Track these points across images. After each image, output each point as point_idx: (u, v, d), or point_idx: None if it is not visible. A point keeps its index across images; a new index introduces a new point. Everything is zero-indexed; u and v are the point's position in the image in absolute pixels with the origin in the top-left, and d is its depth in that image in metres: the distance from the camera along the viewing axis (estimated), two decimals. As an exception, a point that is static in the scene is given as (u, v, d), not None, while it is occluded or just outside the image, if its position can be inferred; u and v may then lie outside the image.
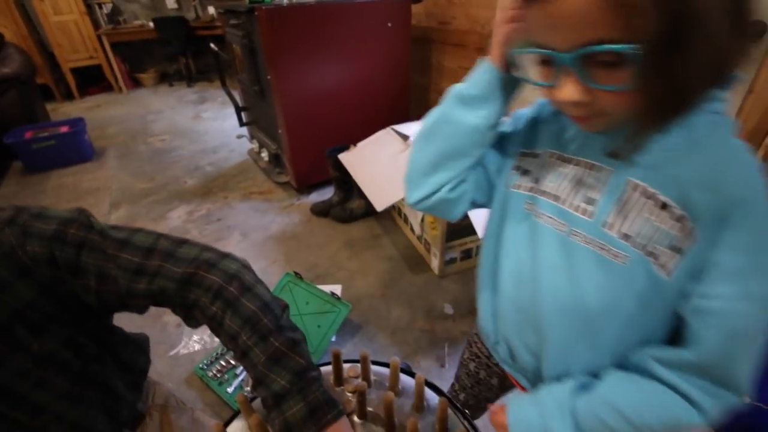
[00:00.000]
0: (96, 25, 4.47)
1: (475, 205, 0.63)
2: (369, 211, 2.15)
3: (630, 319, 0.45)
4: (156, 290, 0.50)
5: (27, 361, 0.49)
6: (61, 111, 4.17)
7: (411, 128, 1.83)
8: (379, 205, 1.52)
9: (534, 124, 0.56)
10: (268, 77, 2.00)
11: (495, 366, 0.77)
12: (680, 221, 0.40)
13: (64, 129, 3.00)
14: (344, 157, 1.90)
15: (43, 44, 4.35)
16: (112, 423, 0.62)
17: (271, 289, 1.62)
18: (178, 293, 0.50)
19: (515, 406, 0.53)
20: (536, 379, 0.59)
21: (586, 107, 0.39)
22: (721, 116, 0.41)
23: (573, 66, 0.37)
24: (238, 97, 2.64)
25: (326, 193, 2.37)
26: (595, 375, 0.50)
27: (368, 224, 2.18)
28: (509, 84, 0.50)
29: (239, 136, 3.24)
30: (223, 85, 2.48)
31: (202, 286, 0.50)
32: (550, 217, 0.49)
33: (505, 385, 0.81)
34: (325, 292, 1.52)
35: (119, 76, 4.72)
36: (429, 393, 0.68)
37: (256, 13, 1.85)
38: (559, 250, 0.48)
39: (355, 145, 1.93)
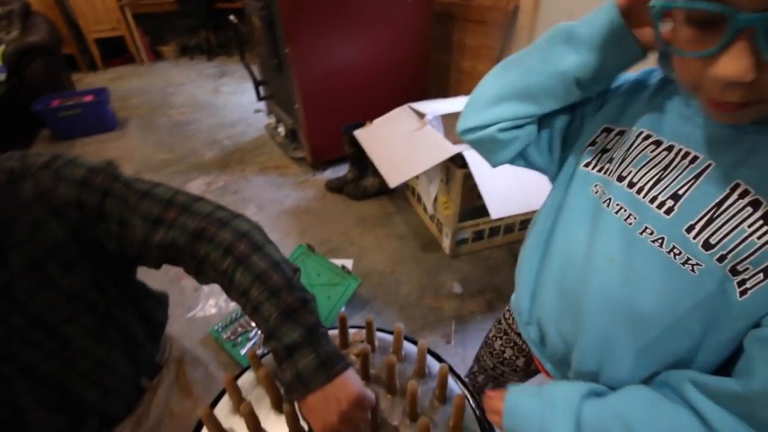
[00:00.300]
0: (119, -5, 4.48)
1: (526, 160, 0.59)
2: (382, 189, 2.16)
3: (683, 333, 0.40)
4: (169, 242, 0.52)
5: (58, 296, 0.53)
6: (86, 81, 4.25)
7: (429, 106, 1.81)
8: (392, 182, 1.53)
9: (629, 95, 0.49)
10: (286, 51, 1.99)
11: (524, 344, 0.74)
12: None
13: (89, 98, 3.06)
14: (360, 134, 1.90)
15: (68, 15, 4.40)
16: (132, 367, 0.67)
17: (284, 260, 1.64)
18: (188, 246, 0.52)
19: (516, 394, 0.49)
20: (563, 367, 0.56)
21: (747, 90, 0.31)
22: None
23: (759, 30, 0.28)
24: (256, 71, 2.64)
25: (341, 170, 2.39)
26: (617, 385, 0.46)
27: (381, 202, 2.19)
28: (627, 43, 0.42)
29: (257, 111, 3.26)
30: (242, 58, 2.48)
31: (213, 242, 0.52)
32: (620, 206, 0.44)
33: (530, 369, 0.78)
34: (336, 265, 1.55)
35: (141, 48, 4.76)
36: (431, 360, 0.71)
37: (275, -16, 1.83)
38: (621, 243, 0.43)
39: (371, 121, 1.92)
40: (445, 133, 1.72)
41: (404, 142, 1.68)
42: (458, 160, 1.49)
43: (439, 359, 0.70)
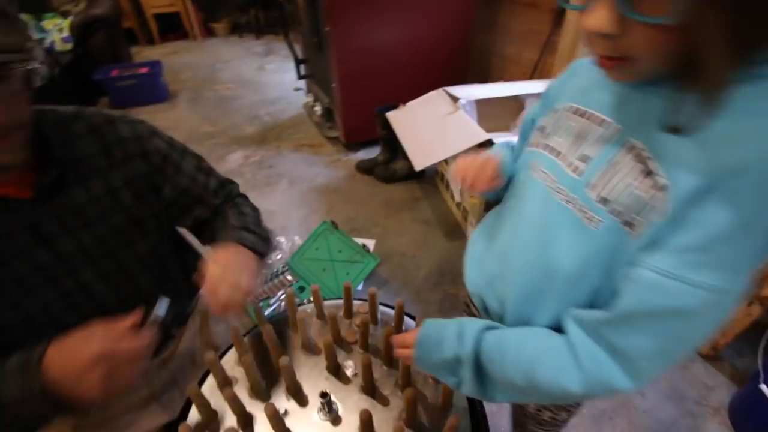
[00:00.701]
0: (177, -28, 4.66)
1: None
2: (412, 173, 2.15)
3: (587, 284, 0.44)
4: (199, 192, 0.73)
5: (124, 220, 0.65)
6: (143, 54, 4.49)
7: (464, 91, 1.77)
8: (418, 164, 1.52)
9: (567, 80, 0.55)
10: (326, 29, 2.00)
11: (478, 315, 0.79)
12: (662, 191, 0.36)
13: (144, 70, 3.25)
14: (392, 116, 1.90)
15: (131, -11, 4.64)
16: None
17: (308, 235, 1.71)
18: (210, 199, 0.75)
19: (428, 323, 0.54)
20: None
21: (613, 45, 0.35)
22: None
23: None
24: (298, 50, 2.68)
25: (373, 152, 2.40)
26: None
27: (410, 187, 2.19)
28: None
29: (296, 89, 3.32)
30: (285, 36, 2.53)
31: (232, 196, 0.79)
32: (544, 172, 0.49)
33: None
34: (356, 243, 1.58)
35: (195, 24, 4.95)
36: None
37: (320, -39, 1.84)
38: (541, 205, 0.48)
39: (404, 104, 1.91)
40: (478, 119, 1.68)
41: (435, 125, 1.66)
42: (489, 147, 1.46)
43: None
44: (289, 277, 1.54)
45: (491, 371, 0.47)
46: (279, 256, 1.75)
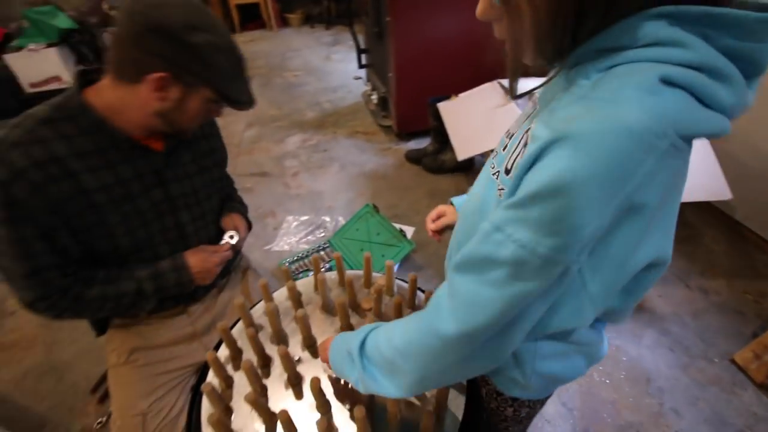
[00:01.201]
0: (260, -35, 4.98)
1: None
2: (460, 165, 2.15)
3: None
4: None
5: (207, 179, 0.87)
6: (225, 42, 4.88)
7: (519, 84, 1.73)
8: (461, 154, 1.53)
9: None
10: (387, 19, 2.06)
11: None
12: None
13: (223, 56, 3.54)
14: (443, 106, 1.91)
15: (219, -18, 5.04)
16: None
17: (351, 217, 1.80)
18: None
19: (335, 339, 0.59)
20: None
21: (498, 29, 0.41)
22: (651, 66, 0.32)
23: None
24: (361, 40, 2.77)
25: (424, 143, 2.43)
26: None
27: (457, 179, 2.19)
28: None
29: (356, 78, 3.42)
30: (350, 26, 2.62)
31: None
32: (495, 153, 0.53)
33: None
34: (394, 228, 1.63)
35: (272, 14, 5.26)
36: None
37: (385, -48, 1.89)
38: (485, 180, 0.52)
39: (456, 95, 1.92)
40: (530, 113, 1.64)
41: (484, 117, 1.65)
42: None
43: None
44: (324, 254, 1.64)
45: (372, 352, 0.50)
46: (322, 234, 1.86)
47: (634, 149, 0.30)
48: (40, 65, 2.68)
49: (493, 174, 0.48)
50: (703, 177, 1.31)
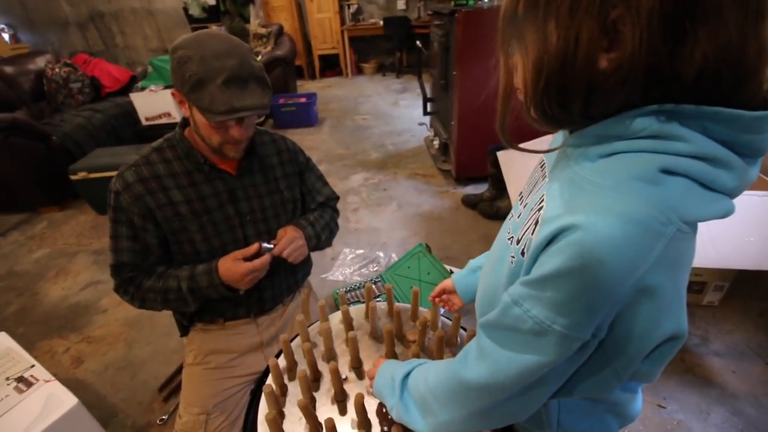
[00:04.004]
0: (342, 21, 5.56)
1: None
2: (516, 213, 2.16)
3: None
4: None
5: (277, 200, 0.98)
6: (305, 87, 5.43)
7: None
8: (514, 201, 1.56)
9: None
10: (454, 73, 2.21)
11: None
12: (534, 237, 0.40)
13: (303, 100, 3.95)
14: (502, 155, 1.97)
15: (306, 35, 5.69)
16: (289, 278, 1.07)
17: (403, 254, 1.86)
18: (316, 198, 1.09)
19: (385, 364, 0.64)
20: None
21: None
22: (652, 157, 0.33)
23: None
24: (428, 89, 2.96)
25: (481, 188, 2.48)
26: None
27: (512, 226, 2.19)
28: None
29: (420, 123, 3.61)
30: (419, 77, 2.83)
31: (329, 204, 1.11)
32: (512, 217, 0.54)
33: None
34: (445, 269, 1.67)
35: (349, 63, 5.78)
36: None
37: (456, 15, 2.07)
38: (501, 243, 0.54)
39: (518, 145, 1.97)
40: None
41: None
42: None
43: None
44: (374, 288, 1.72)
45: (412, 385, 0.55)
46: (375, 268, 1.95)
47: (642, 237, 0.31)
48: (156, 103, 3.19)
49: (508, 239, 0.50)
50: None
